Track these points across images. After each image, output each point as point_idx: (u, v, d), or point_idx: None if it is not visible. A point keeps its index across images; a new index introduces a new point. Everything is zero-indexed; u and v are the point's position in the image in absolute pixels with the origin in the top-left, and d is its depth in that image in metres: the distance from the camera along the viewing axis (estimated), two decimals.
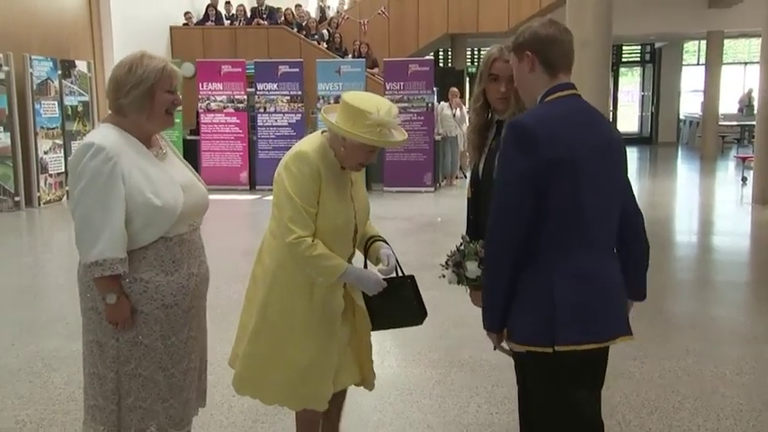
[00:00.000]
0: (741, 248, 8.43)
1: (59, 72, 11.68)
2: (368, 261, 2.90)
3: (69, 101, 11.95)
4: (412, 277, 2.87)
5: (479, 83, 2.78)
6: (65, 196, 11.66)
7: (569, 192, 2.18)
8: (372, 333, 2.95)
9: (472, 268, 2.61)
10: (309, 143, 2.73)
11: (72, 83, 12.03)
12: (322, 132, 2.78)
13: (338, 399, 3.02)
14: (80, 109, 12.20)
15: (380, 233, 2.98)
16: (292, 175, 2.63)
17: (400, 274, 2.86)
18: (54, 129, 11.57)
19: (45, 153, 11.35)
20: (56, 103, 11.61)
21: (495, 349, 2.84)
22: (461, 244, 2.67)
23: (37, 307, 5.87)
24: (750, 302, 6.14)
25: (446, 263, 2.67)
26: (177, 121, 12.93)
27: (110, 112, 2.60)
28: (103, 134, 2.52)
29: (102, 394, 2.59)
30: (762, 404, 3.85)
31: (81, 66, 12.27)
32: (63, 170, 11.66)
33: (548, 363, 2.22)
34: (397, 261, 2.85)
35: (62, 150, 11.69)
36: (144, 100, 2.50)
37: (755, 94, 18.89)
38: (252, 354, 2.81)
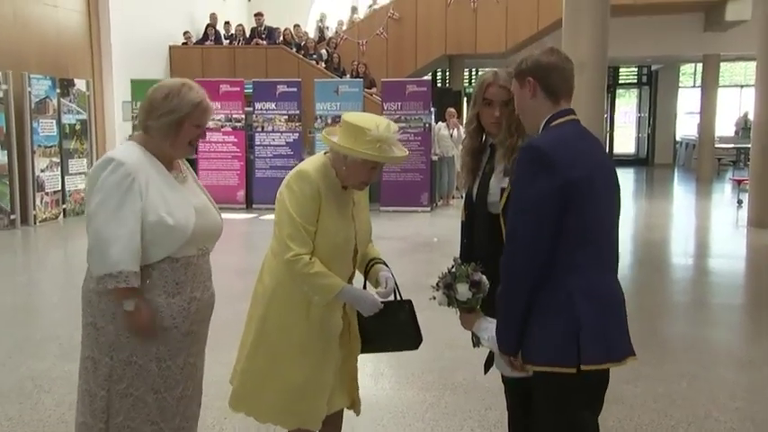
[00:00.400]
0: (737, 271, 8.43)
1: (58, 90, 11.71)
2: (367, 283, 2.92)
3: (67, 119, 11.97)
4: (409, 302, 2.88)
5: (473, 107, 2.82)
6: (61, 215, 11.66)
7: (583, 213, 2.23)
8: (368, 355, 2.95)
9: (463, 291, 2.60)
10: (311, 163, 2.77)
11: (70, 101, 12.06)
12: (324, 153, 2.82)
13: (336, 420, 3.02)
14: (78, 127, 12.21)
15: (381, 255, 2.99)
16: (293, 193, 2.67)
17: (399, 297, 2.87)
18: (51, 147, 11.57)
19: (42, 171, 11.35)
20: (54, 121, 11.62)
21: (485, 373, 2.83)
22: (453, 266, 2.67)
23: (30, 326, 5.84)
24: (746, 325, 6.13)
25: (437, 285, 2.67)
26: None
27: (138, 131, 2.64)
28: (126, 151, 2.56)
29: (91, 412, 2.58)
30: (754, 429, 3.84)
31: (80, 84, 12.31)
32: (59, 188, 11.67)
33: (561, 383, 2.21)
34: (396, 284, 2.86)
35: (59, 168, 11.70)
36: (170, 128, 2.54)
37: (752, 117, 19.07)
38: (248, 370, 2.81)
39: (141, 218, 2.46)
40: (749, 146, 17.48)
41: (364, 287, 2.90)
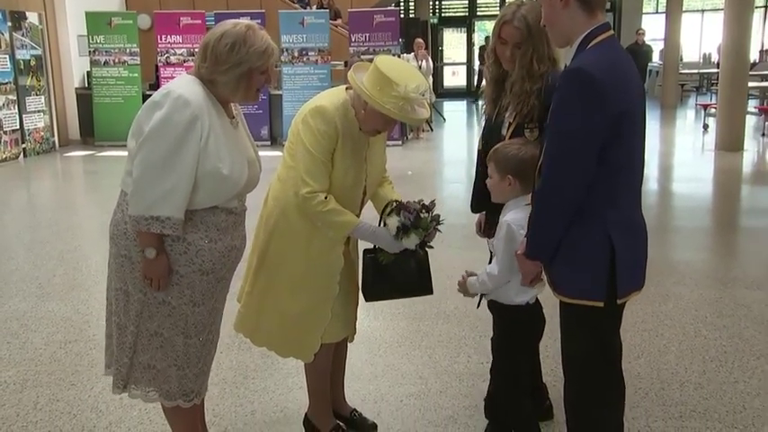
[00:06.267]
0: (710, 194, 8.59)
1: (9, 24, 11.18)
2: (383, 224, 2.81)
3: (21, 54, 11.47)
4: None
5: (492, 40, 2.81)
6: (21, 154, 11.29)
7: (627, 144, 2.16)
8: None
9: (412, 242, 2.65)
10: (331, 98, 2.66)
11: (23, 35, 11.54)
12: (346, 88, 2.70)
13: (343, 350, 3.07)
14: (33, 63, 11.73)
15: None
16: (310, 128, 2.58)
17: None
18: (6, 84, 11.11)
19: None
20: (7, 56, 11.13)
21: (478, 307, 2.83)
22: (420, 209, 2.66)
23: (3, 267, 5.67)
24: (721, 247, 6.26)
25: (393, 211, 2.66)
26: (135, 75, 12.57)
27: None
28: (190, 88, 2.37)
29: (118, 344, 2.52)
30: (744, 345, 3.94)
31: (32, 17, 11.76)
32: (18, 127, 11.27)
33: (595, 314, 2.21)
34: None
35: (16, 106, 11.27)
36: (240, 81, 2.40)
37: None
38: (250, 293, 2.83)
39: (197, 164, 2.32)
40: (712, 71, 17.70)
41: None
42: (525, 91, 2.67)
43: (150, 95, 2.45)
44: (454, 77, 22.93)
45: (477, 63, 20.12)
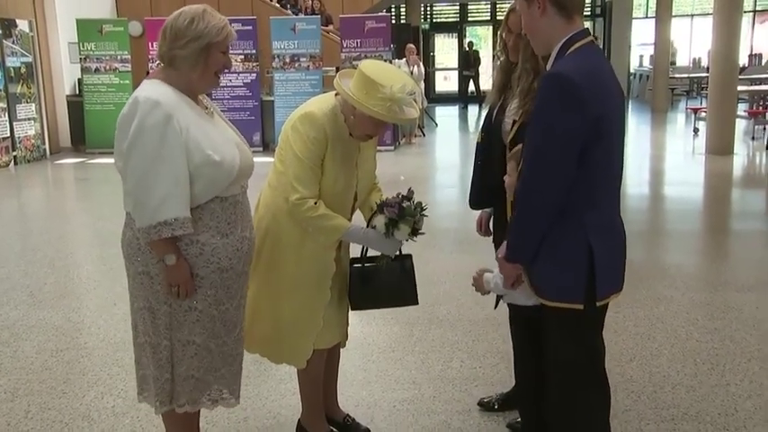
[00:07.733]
0: (700, 197, 8.63)
1: (0, 31, 11.15)
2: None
3: (11, 62, 11.45)
4: (410, 256, 2.87)
5: (502, 28, 2.85)
6: (12, 162, 11.25)
7: (606, 147, 2.16)
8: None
9: (403, 232, 2.64)
10: (320, 105, 2.67)
11: (13, 43, 11.51)
12: (336, 95, 2.70)
13: (335, 356, 3.07)
14: (23, 70, 11.70)
15: None
16: (299, 135, 2.60)
17: (399, 251, 2.84)
18: None
19: None
20: None
21: (495, 308, 2.82)
22: (403, 199, 2.65)
23: None
24: (712, 250, 6.29)
25: (382, 209, 2.64)
26: (127, 82, 12.54)
27: (159, 64, 2.46)
28: (156, 89, 2.36)
29: (155, 363, 2.49)
30: (736, 348, 3.96)
31: (22, 25, 11.74)
32: (8, 135, 11.23)
33: (576, 316, 2.22)
34: None
35: (6, 114, 11.24)
36: (199, 56, 2.38)
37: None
38: None
39: (186, 158, 2.32)
40: (702, 75, 17.81)
41: None
42: (533, 89, 2.66)
43: None
44: (446, 82, 23.00)
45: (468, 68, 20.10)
